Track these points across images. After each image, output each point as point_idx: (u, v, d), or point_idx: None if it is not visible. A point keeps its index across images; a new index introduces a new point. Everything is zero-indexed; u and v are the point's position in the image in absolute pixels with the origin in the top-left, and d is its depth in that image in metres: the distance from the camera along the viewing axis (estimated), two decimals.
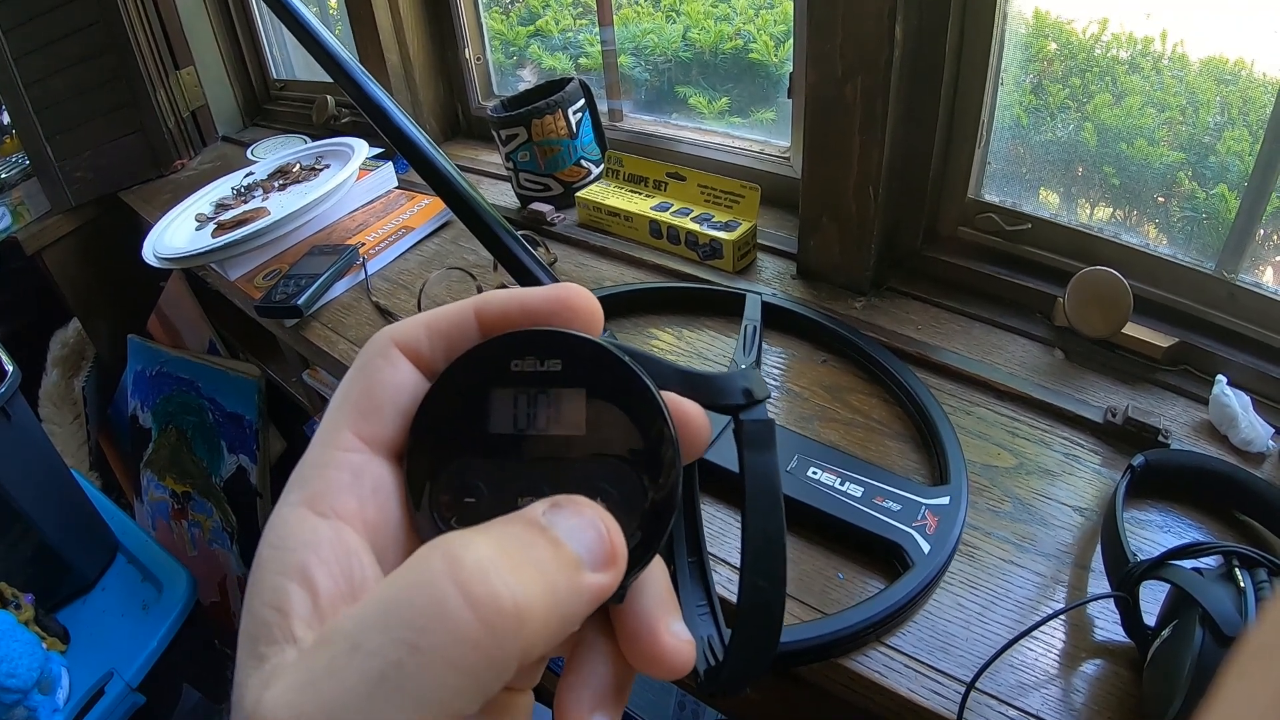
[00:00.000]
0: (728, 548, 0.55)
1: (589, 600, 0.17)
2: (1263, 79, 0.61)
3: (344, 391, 0.20)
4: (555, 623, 0.16)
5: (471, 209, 0.56)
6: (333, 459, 0.19)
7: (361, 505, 0.18)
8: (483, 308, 0.20)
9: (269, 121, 1.58)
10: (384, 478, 0.19)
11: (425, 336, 0.20)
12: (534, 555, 0.17)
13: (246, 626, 0.17)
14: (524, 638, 0.15)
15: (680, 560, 0.24)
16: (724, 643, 0.23)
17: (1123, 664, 0.46)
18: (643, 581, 0.20)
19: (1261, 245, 0.64)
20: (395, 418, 0.19)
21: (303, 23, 0.56)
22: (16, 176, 1.48)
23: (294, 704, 0.15)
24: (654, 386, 0.19)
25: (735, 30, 1.02)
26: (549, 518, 0.17)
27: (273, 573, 0.17)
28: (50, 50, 1.37)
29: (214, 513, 1.36)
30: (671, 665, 0.19)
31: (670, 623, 0.19)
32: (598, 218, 0.95)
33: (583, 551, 0.17)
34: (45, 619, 1.02)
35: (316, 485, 0.18)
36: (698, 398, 0.21)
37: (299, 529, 0.18)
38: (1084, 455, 0.60)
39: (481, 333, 0.20)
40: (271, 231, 0.94)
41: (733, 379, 0.21)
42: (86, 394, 1.60)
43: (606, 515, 0.18)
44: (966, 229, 0.79)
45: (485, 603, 0.15)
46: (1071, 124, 0.72)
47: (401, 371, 0.20)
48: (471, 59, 1.25)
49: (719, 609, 0.24)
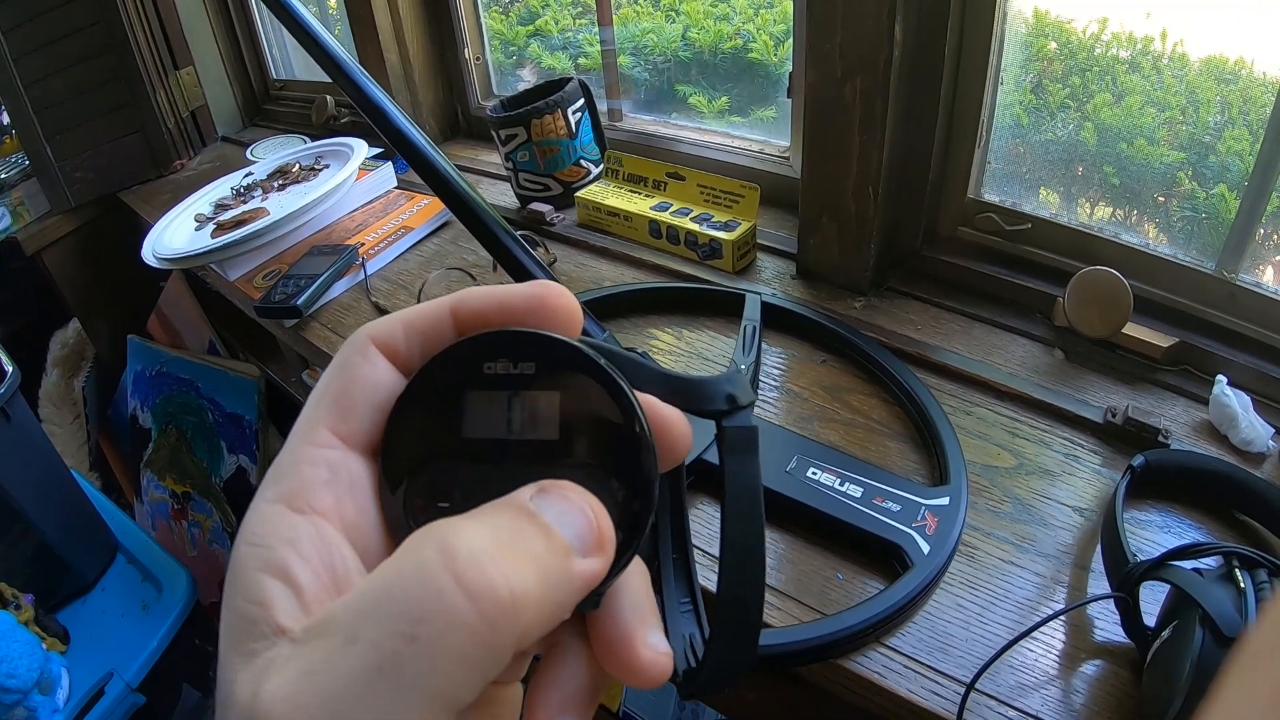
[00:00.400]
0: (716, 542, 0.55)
1: (579, 587, 0.17)
2: (1263, 78, 0.61)
3: (321, 388, 0.20)
4: (549, 610, 0.16)
5: (470, 209, 0.56)
6: (309, 455, 0.19)
7: (339, 501, 0.18)
8: (459, 306, 0.20)
9: (268, 122, 1.58)
10: (361, 474, 0.19)
11: (402, 334, 0.20)
12: (526, 543, 0.16)
13: (229, 623, 0.17)
14: (520, 626, 0.15)
15: (665, 558, 0.24)
16: (705, 641, 0.23)
17: (1122, 665, 0.46)
18: (620, 587, 0.19)
19: (1261, 245, 0.64)
20: (372, 415, 0.19)
21: (302, 23, 0.57)
22: (16, 177, 1.48)
23: (292, 697, 0.15)
24: (629, 390, 0.19)
25: (735, 30, 1.02)
26: (537, 503, 0.17)
27: (253, 569, 0.17)
28: (50, 50, 1.37)
29: (214, 513, 1.36)
30: (647, 676, 0.19)
31: (648, 634, 0.19)
32: (597, 218, 0.95)
33: (572, 538, 0.17)
34: (45, 619, 1.02)
35: (293, 482, 0.18)
36: (680, 402, 0.20)
37: (277, 525, 0.17)
38: (1084, 455, 0.60)
39: (458, 331, 0.20)
40: (271, 232, 0.94)
41: (717, 384, 0.21)
42: (86, 394, 1.60)
43: (594, 500, 0.18)
44: (966, 229, 0.79)
45: (482, 593, 0.15)
46: (1071, 123, 0.72)
47: (379, 369, 0.20)
48: (471, 59, 1.25)
49: (702, 607, 0.24)
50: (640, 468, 0.19)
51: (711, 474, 0.58)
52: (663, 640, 0.19)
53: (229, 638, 0.16)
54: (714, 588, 0.21)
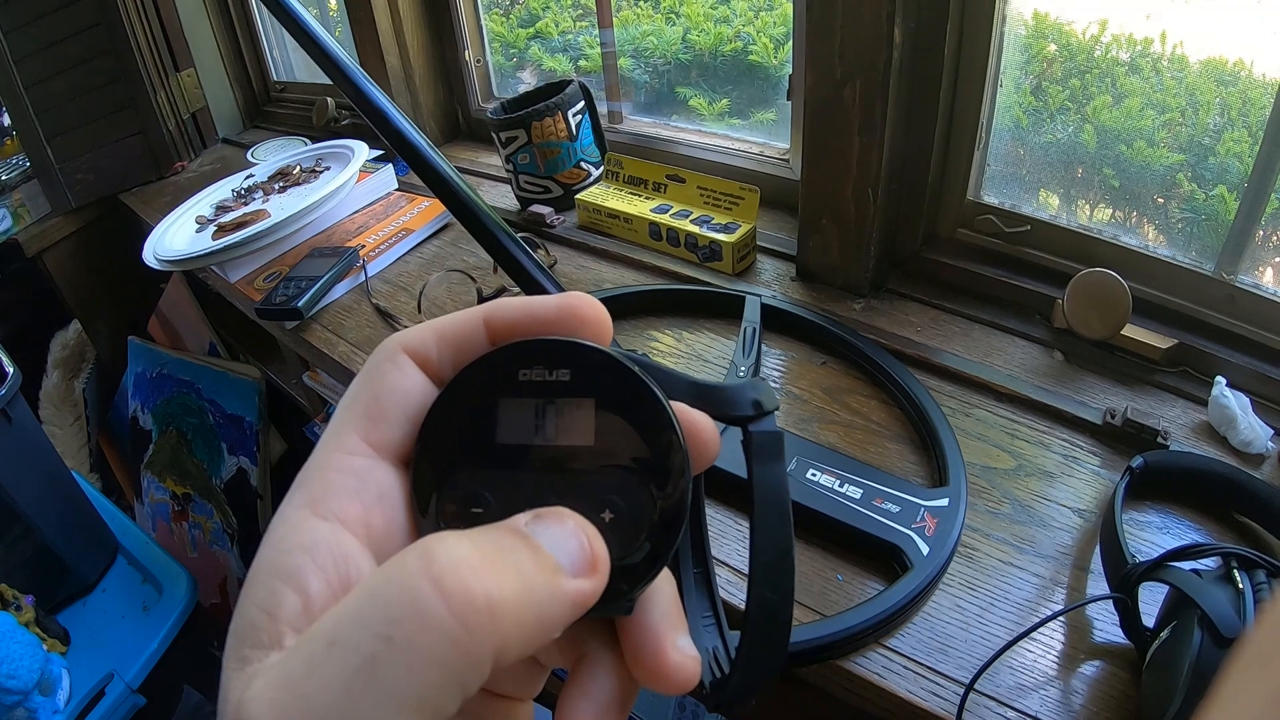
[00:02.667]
0: (728, 550, 0.55)
1: (569, 605, 0.17)
2: (1262, 80, 0.61)
3: (352, 395, 0.20)
4: (531, 623, 0.16)
5: (471, 211, 0.56)
6: (337, 462, 0.19)
7: (366, 510, 0.18)
8: (492, 316, 0.20)
9: (269, 123, 1.58)
10: (390, 483, 0.19)
11: (434, 344, 0.20)
12: (511, 557, 0.17)
13: (236, 627, 0.17)
14: (498, 633, 0.15)
15: (685, 571, 0.24)
16: (729, 653, 0.23)
17: (1121, 665, 0.46)
18: (650, 594, 0.19)
19: (1261, 246, 0.64)
20: (403, 423, 0.19)
21: (302, 24, 0.57)
22: (17, 178, 1.48)
23: (275, 701, 0.15)
24: (664, 397, 0.19)
25: (735, 32, 1.02)
26: (531, 527, 0.17)
27: (267, 574, 0.17)
28: (50, 52, 1.37)
29: (214, 514, 1.36)
30: (677, 681, 0.19)
31: (676, 638, 0.19)
32: (597, 220, 0.95)
33: (562, 557, 0.17)
34: (46, 620, 1.02)
35: (318, 488, 0.18)
36: (707, 408, 0.20)
37: (298, 531, 0.17)
38: (1083, 457, 0.60)
39: (490, 341, 0.20)
40: (272, 234, 0.94)
41: (743, 390, 0.21)
42: (87, 396, 1.60)
43: (588, 525, 0.18)
44: (966, 231, 0.79)
45: (458, 596, 0.15)
46: (1071, 125, 0.72)
47: (410, 377, 0.20)
48: (471, 61, 1.25)
49: (724, 619, 0.24)
50: (674, 473, 0.19)
51: (717, 480, 0.58)
52: (691, 645, 0.19)
53: (232, 641, 0.16)
54: (733, 600, 0.21)
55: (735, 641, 0.21)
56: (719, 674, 0.23)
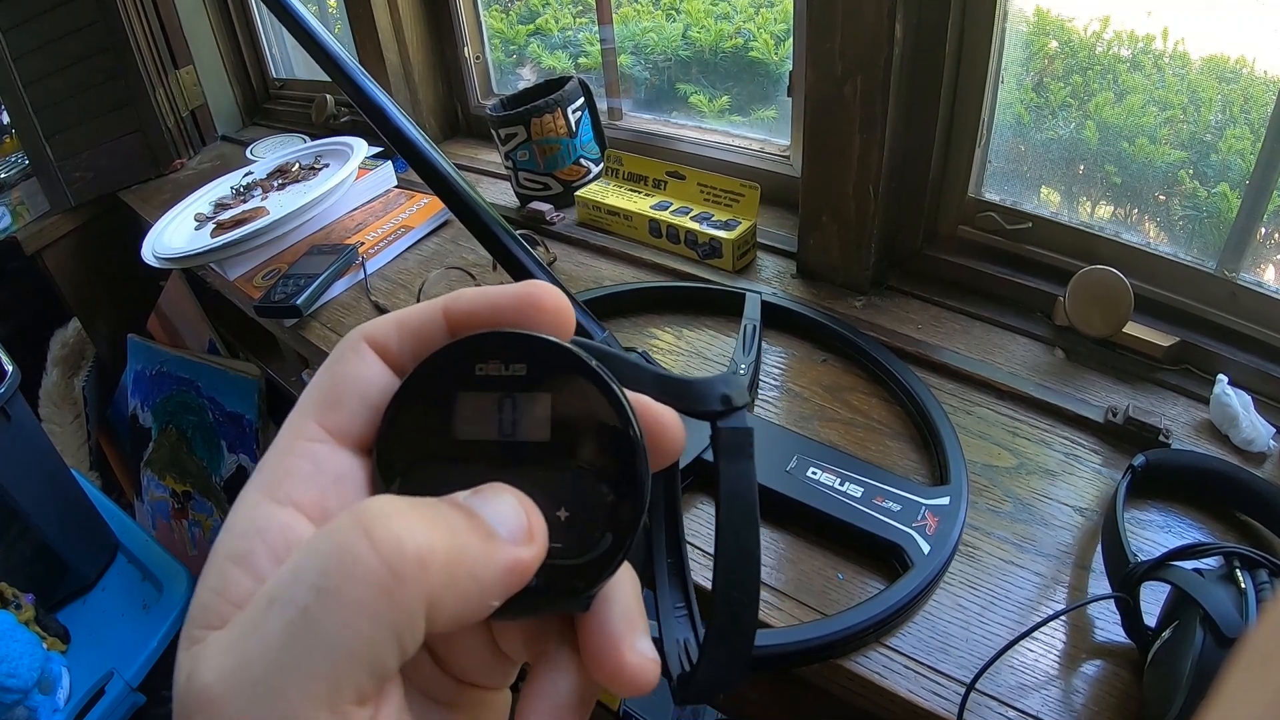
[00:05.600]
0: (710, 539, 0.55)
1: (503, 569, 0.17)
2: (1264, 77, 0.61)
3: (314, 384, 0.20)
4: (464, 580, 0.16)
5: (470, 208, 0.56)
6: (295, 448, 0.19)
7: (322, 494, 0.18)
8: (450, 306, 0.20)
9: (268, 121, 1.58)
10: (347, 469, 0.19)
11: (395, 334, 0.20)
12: (445, 518, 0.17)
13: (190, 612, 0.17)
14: (427, 584, 0.15)
15: (659, 561, 0.24)
16: (700, 645, 0.23)
17: (1123, 665, 0.46)
18: (610, 593, 0.19)
19: (1263, 244, 0.64)
20: (362, 410, 0.19)
21: (301, 22, 0.56)
22: (16, 176, 1.48)
23: (222, 665, 0.15)
24: (620, 391, 0.19)
25: (735, 29, 1.02)
26: (469, 500, 0.18)
27: (221, 558, 0.17)
28: (49, 50, 1.37)
29: (214, 512, 1.36)
30: (633, 683, 0.19)
31: (635, 640, 0.19)
32: (597, 217, 0.95)
33: (498, 524, 0.17)
34: (45, 619, 1.02)
35: (275, 473, 0.18)
36: (673, 403, 0.20)
37: (253, 515, 0.18)
38: (1084, 455, 0.60)
39: (450, 331, 0.20)
40: (270, 231, 0.94)
41: (711, 384, 0.20)
42: (86, 394, 1.60)
43: (526, 499, 0.18)
44: (967, 228, 0.79)
45: (387, 543, 0.15)
46: (1072, 122, 0.72)
47: (370, 366, 0.20)
48: (471, 58, 1.24)
49: (697, 611, 0.24)
50: (631, 468, 0.19)
51: (710, 474, 0.58)
52: (650, 647, 0.19)
53: (184, 626, 0.17)
54: (709, 587, 0.21)
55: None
56: (687, 667, 0.23)
